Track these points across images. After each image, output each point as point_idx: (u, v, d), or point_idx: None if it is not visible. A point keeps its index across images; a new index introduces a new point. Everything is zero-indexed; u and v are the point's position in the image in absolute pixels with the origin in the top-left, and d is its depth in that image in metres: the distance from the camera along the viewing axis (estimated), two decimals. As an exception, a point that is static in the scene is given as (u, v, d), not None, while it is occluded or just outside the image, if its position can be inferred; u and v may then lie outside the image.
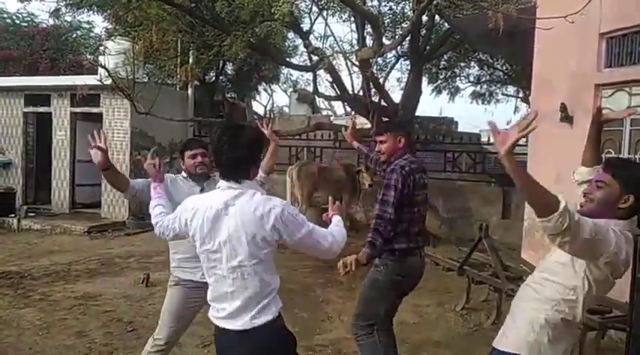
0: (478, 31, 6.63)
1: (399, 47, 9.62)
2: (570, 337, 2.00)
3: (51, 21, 14.84)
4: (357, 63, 7.71)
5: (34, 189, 10.88)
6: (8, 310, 4.85)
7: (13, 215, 9.75)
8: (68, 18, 14.23)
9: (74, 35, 16.19)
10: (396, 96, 10.38)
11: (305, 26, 8.82)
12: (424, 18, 8.05)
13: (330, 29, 17.06)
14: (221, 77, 13.69)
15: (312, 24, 9.18)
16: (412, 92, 8.85)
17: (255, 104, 17.60)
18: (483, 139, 11.59)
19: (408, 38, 8.42)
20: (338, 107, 21.65)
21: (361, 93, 8.31)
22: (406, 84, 9.32)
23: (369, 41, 8.28)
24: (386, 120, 7.46)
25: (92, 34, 16.42)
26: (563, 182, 2.75)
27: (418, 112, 9.63)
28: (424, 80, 12.12)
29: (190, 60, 9.49)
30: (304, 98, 16.60)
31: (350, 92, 8.65)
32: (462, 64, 13.91)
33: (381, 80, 9.97)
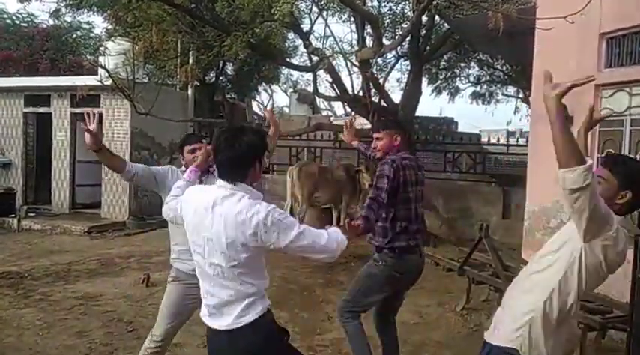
0: (478, 32, 6.63)
1: (399, 47, 9.62)
2: (564, 330, 1.96)
3: (51, 21, 14.85)
4: (357, 63, 7.71)
5: (34, 190, 10.88)
6: (8, 310, 4.85)
7: (14, 215, 9.75)
8: (68, 18, 14.21)
9: (74, 36, 16.18)
10: (396, 96, 10.37)
11: (305, 27, 8.83)
12: (424, 18, 8.05)
13: (330, 30, 17.12)
14: (221, 77, 13.67)
15: (312, 24, 9.19)
16: (412, 92, 8.84)
17: (255, 104, 17.61)
18: (483, 139, 11.59)
19: (408, 38, 8.42)
20: (338, 107, 21.76)
21: (361, 93, 8.29)
22: (406, 84, 9.31)
23: (369, 42, 8.27)
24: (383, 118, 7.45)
25: (92, 35, 16.44)
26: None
27: (418, 113, 9.62)
28: (424, 80, 12.10)
29: (190, 60, 9.47)
30: (304, 98, 16.58)
31: (350, 92, 8.64)
32: (462, 65, 13.87)
33: (381, 80, 9.95)
